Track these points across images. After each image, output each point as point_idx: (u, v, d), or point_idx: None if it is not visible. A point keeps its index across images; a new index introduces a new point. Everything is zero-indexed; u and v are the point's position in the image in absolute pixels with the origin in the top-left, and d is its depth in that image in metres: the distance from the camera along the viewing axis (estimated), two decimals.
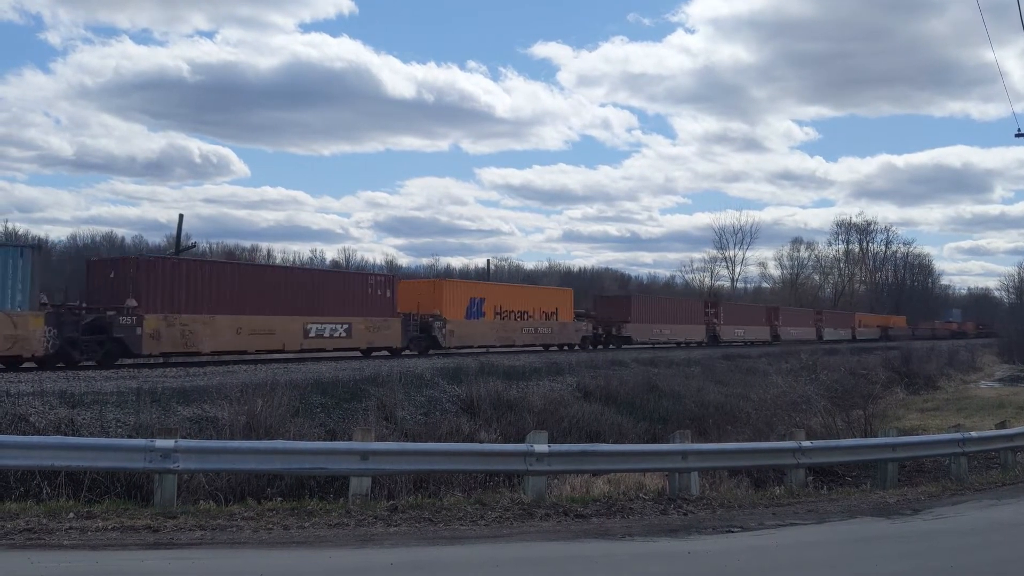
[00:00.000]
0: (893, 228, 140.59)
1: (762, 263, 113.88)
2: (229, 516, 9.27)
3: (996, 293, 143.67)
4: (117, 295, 23.25)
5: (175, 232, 46.14)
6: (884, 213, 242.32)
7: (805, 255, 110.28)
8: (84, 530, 8.49)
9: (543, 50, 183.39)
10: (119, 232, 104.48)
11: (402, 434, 17.56)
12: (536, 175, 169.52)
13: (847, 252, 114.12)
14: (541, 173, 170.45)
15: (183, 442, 9.94)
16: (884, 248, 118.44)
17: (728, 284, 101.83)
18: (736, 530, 9.67)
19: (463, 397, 21.59)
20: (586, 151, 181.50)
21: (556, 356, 35.37)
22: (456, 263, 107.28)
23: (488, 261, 79.63)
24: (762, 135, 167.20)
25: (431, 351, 32.97)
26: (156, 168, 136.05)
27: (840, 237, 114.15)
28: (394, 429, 17.99)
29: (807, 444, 12.94)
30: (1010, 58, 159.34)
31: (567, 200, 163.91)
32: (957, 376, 52.26)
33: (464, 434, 18.20)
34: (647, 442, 19.54)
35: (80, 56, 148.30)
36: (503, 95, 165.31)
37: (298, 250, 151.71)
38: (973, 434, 15.04)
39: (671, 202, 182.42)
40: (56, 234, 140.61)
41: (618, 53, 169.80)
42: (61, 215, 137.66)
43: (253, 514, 9.39)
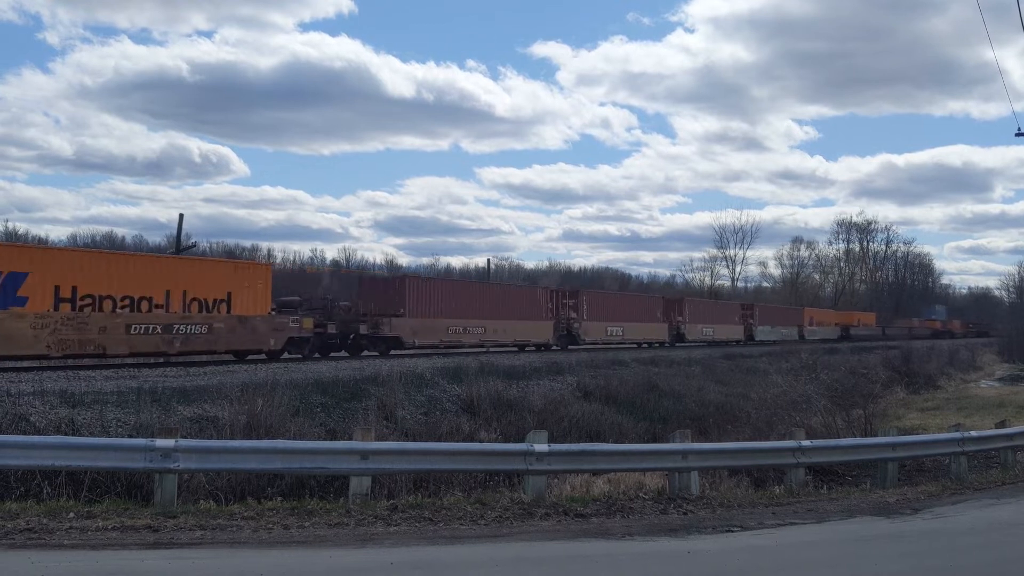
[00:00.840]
0: (893, 227, 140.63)
1: (762, 262, 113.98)
2: (229, 516, 9.28)
3: (996, 292, 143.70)
4: None
5: (175, 232, 46.14)
6: (884, 212, 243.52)
7: (805, 254, 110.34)
8: (84, 530, 8.49)
9: (543, 49, 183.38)
10: (119, 232, 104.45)
11: (402, 434, 17.57)
12: (536, 174, 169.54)
13: (847, 251, 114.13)
14: (541, 172, 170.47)
15: (183, 442, 9.95)
16: (884, 247, 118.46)
17: (729, 283, 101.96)
18: (736, 529, 9.68)
19: (463, 397, 21.61)
20: (586, 150, 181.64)
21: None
22: (456, 262, 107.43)
23: (488, 260, 79.63)
24: (762, 134, 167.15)
25: None
26: (156, 168, 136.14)
27: (840, 236, 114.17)
28: (394, 429, 18.00)
29: (807, 443, 12.94)
30: (1010, 57, 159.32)
31: (567, 199, 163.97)
32: (957, 375, 52.27)
33: (464, 433, 18.21)
34: (647, 441, 19.56)
35: (79, 56, 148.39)
36: (503, 94, 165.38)
37: (298, 249, 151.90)
38: (973, 433, 15.04)
39: (671, 201, 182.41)
40: (56, 234, 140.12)
41: (618, 52, 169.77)
42: (61, 215, 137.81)
43: (253, 514, 9.40)
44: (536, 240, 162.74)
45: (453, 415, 20.03)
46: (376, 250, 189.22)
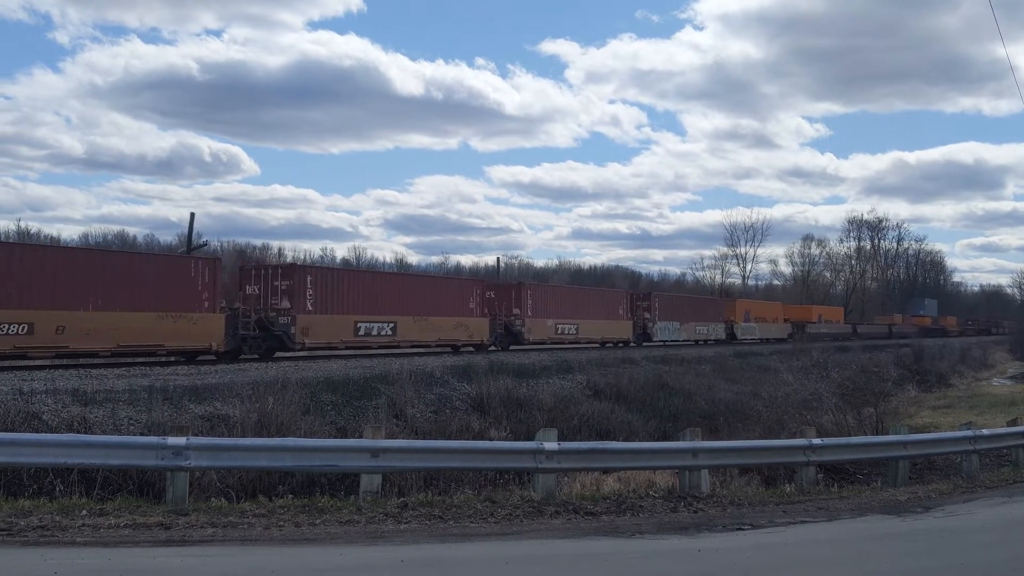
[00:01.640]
0: (905, 225, 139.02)
1: (773, 260, 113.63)
2: (240, 513, 9.31)
3: (1008, 290, 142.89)
4: None
5: (187, 230, 46.38)
6: (896, 210, 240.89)
7: (816, 252, 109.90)
8: (97, 527, 8.53)
9: (551, 47, 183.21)
10: (131, 231, 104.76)
11: (412, 432, 17.61)
12: (545, 172, 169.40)
13: (859, 249, 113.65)
14: (550, 170, 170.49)
15: (195, 440, 9.98)
16: (896, 245, 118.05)
17: (739, 281, 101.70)
18: (746, 528, 9.66)
19: (473, 395, 21.65)
20: (595, 148, 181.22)
21: None
22: (466, 261, 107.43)
23: (498, 259, 79.56)
24: (772, 132, 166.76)
25: None
26: (166, 167, 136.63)
27: (851, 234, 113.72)
28: (404, 427, 18.04)
29: (817, 442, 12.90)
30: (1022, 53, 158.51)
31: (577, 197, 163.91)
32: (969, 373, 52.13)
33: (474, 432, 18.23)
34: (657, 440, 19.55)
35: (89, 55, 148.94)
36: (512, 92, 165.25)
37: (308, 248, 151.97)
38: (984, 431, 14.98)
39: (681, 199, 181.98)
40: (68, 233, 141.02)
41: (627, 50, 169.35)
42: (72, 214, 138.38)
43: (264, 511, 9.43)
44: (546, 238, 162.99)
45: (463, 413, 20.07)
46: (386, 249, 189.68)
